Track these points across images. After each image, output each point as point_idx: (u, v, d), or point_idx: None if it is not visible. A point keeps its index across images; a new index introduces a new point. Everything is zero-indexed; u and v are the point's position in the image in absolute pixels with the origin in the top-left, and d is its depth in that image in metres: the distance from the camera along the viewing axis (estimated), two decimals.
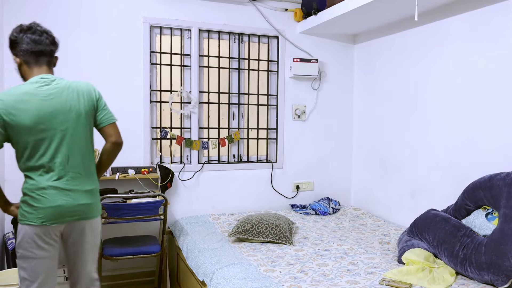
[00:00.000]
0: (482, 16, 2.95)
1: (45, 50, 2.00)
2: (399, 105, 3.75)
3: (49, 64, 2.05)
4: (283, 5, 4.11)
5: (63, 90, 1.98)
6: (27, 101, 1.89)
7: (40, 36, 1.99)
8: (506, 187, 2.43)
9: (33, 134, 1.90)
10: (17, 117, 1.88)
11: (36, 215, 1.92)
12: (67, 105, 1.96)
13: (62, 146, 1.95)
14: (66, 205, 1.95)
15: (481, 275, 2.32)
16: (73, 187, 1.98)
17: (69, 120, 1.96)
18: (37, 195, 1.92)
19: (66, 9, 3.43)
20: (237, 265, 2.62)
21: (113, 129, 2.15)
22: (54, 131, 1.93)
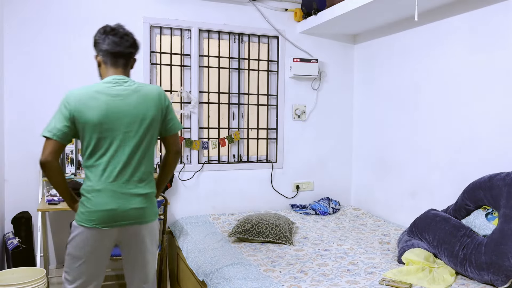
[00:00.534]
0: (482, 16, 2.95)
1: (123, 52, 2.01)
2: (399, 105, 3.75)
3: (125, 65, 2.04)
4: (283, 5, 4.11)
5: (133, 93, 1.97)
6: (97, 99, 1.90)
7: (121, 39, 2.01)
8: (506, 187, 2.43)
9: (97, 132, 1.90)
10: (85, 113, 1.89)
11: (89, 216, 1.90)
12: (134, 108, 1.94)
13: (123, 148, 1.93)
14: (119, 208, 1.91)
15: (481, 275, 2.32)
16: (128, 190, 1.94)
17: (134, 123, 1.94)
18: (92, 197, 1.90)
19: (66, 9, 3.43)
20: (237, 265, 2.62)
21: (176, 138, 2.14)
22: (117, 132, 1.92)
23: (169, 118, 2.07)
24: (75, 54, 3.46)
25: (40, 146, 3.34)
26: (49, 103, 3.41)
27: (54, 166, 1.92)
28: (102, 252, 1.97)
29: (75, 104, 1.90)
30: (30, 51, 3.35)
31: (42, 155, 1.90)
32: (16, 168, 3.34)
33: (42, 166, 1.91)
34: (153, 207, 2.04)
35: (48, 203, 3.04)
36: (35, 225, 3.32)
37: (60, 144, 1.91)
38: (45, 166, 1.91)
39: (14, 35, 3.30)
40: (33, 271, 2.81)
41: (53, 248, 3.49)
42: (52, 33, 3.40)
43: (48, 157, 1.90)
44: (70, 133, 1.93)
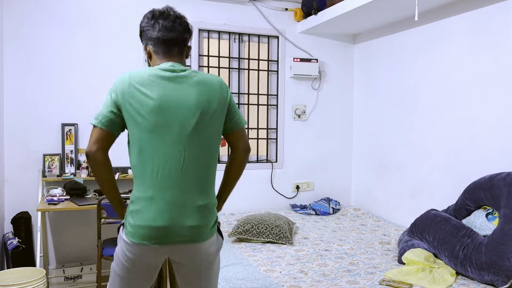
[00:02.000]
0: (482, 16, 2.94)
1: (177, 38, 1.68)
2: (399, 105, 3.75)
3: (180, 54, 1.71)
4: (283, 5, 4.11)
5: (192, 82, 1.62)
6: (149, 84, 1.58)
7: (174, 23, 1.69)
8: (507, 187, 2.43)
9: (147, 124, 1.56)
10: (133, 100, 1.56)
11: (136, 230, 1.56)
12: (194, 99, 1.59)
13: (179, 146, 1.57)
14: (172, 226, 1.56)
15: (481, 275, 2.32)
16: (185, 200, 1.58)
17: (193, 116, 1.58)
18: (141, 208, 1.57)
19: (66, 9, 3.43)
20: (237, 265, 2.62)
21: (244, 133, 1.78)
22: (173, 126, 1.57)
23: (234, 111, 1.72)
24: (75, 54, 3.46)
25: (39, 145, 3.37)
26: (49, 103, 3.41)
27: (100, 159, 1.59)
28: (148, 272, 1.65)
29: (122, 89, 1.58)
30: (30, 51, 3.34)
31: (87, 145, 1.60)
32: (16, 168, 3.34)
33: (87, 157, 1.61)
34: (211, 222, 1.66)
35: (47, 203, 3.03)
36: (34, 225, 3.32)
37: (106, 133, 1.59)
38: (89, 158, 1.60)
39: (14, 35, 3.30)
40: (32, 271, 2.81)
41: (53, 248, 3.49)
42: (52, 33, 3.39)
43: (93, 147, 1.58)
44: (119, 121, 1.60)
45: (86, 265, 3.43)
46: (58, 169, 3.34)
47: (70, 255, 3.52)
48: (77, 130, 3.45)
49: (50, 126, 3.41)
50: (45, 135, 3.40)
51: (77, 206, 2.98)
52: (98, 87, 3.52)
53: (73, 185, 3.24)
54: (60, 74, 3.43)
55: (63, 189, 3.23)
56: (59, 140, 3.42)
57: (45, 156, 3.32)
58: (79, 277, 3.38)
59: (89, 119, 3.67)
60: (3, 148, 3.30)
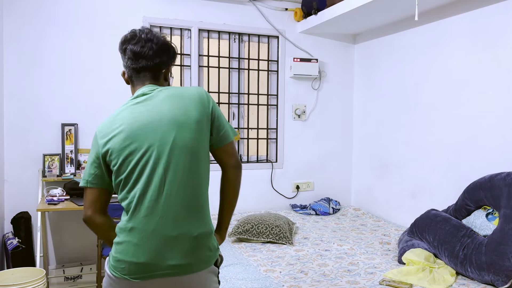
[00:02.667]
0: (482, 16, 2.94)
1: (146, 65, 1.53)
2: (399, 105, 3.75)
3: (155, 78, 1.56)
4: (283, 5, 4.11)
5: (165, 98, 1.47)
6: (119, 119, 1.46)
7: (143, 48, 1.52)
8: (507, 187, 2.43)
9: (124, 155, 1.43)
10: (110, 143, 1.45)
11: (116, 264, 1.44)
12: (168, 115, 1.43)
13: (161, 168, 1.41)
14: (152, 263, 1.40)
15: (481, 275, 2.31)
16: (172, 230, 1.40)
17: (171, 132, 1.42)
18: (122, 239, 1.44)
19: (66, 9, 3.42)
20: (237, 265, 2.62)
21: (233, 148, 1.57)
22: (150, 149, 1.41)
23: (220, 124, 1.52)
24: (75, 54, 3.46)
25: (39, 145, 3.37)
26: (49, 103, 3.41)
27: (98, 222, 1.51)
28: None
29: (100, 139, 1.48)
30: (30, 51, 3.34)
31: (83, 210, 1.52)
32: (15, 168, 3.34)
33: (85, 222, 1.53)
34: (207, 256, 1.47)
35: (47, 203, 3.03)
36: (34, 225, 3.32)
37: (99, 190, 1.49)
38: (87, 223, 1.52)
39: (14, 35, 3.30)
40: (32, 271, 2.80)
41: (53, 248, 3.49)
42: (52, 33, 3.39)
43: (88, 212, 1.49)
44: (106, 174, 1.49)
45: (86, 265, 3.43)
46: (58, 169, 3.34)
47: (70, 255, 3.52)
48: (77, 130, 3.45)
49: (50, 126, 3.41)
50: (45, 135, 3.40)
51: (77, 206, 2.98)
52: (98, 87, 3.52)
53: (73, 185, 3.24)
54: (60, 74, 3.43)
55: (63, 189, 3.23)
56: (59, 140, 3.42)
57: (45, 156, 3.32)
58: (79, 277, 3.38)
59: (89, 119, 3.69)
60: (3, 148, 3.30)
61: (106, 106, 3.49)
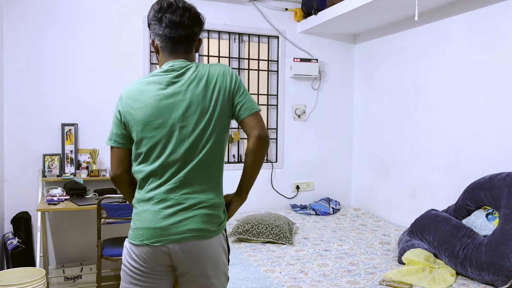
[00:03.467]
0: (482, 16, 2.94)
1: (185, 34, 1.56)
2: (399, 105, 3.75)
3: (188, 51, 1.60)
4: (283, 5, 4.11)
5: (190, 79, 1.53)
6: (146, 92, 1.53)
7: (182, 17, 1.54)
8: (507, 187, 2.43)
9: (147, 131, 1.51)
10: (133, 112, 1.52)
11: (136, 232, 1.51)
12: (191, 97, 1.51)
13: (179, 148, 1.50)
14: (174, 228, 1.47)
15: (481, 275, 2.31)
16: (190, 200, 1.49)
17: (192, 115, 1.50)
18: (142, 210, 1.52)
19: (66, 9, 3.42)
20: (237, 265, 2.62)
21: (257, 119, 1.58)
22: (171, 129, 1.50)
23: (241, 98, 1.57)
24: (75, 54, 3.46)
25: (39, 145, 3.37)
26: (49, 103, 3.41)
27: (126, 181, 1.61)
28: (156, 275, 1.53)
29: (124, 103, 1.56)
30: (30, 51, 3.34)
31: (111, 169, 1.60)
32: (15, 168, 3.34)
33: (113, 181, 1.62)
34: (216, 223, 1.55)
35: (47, 203, 3.03)
36: (34, 225, 3.32)
37: (125, 150, 1.58)
38: (116, 182, 1.61)
39: (14, 35, 3.30)
40: (32, 271, 2.80)
41: (53, 248, 3.49)
42: (52, 33, 3.39)
43: (117, 171, 1.58)
44: (127, 139, 1.59)
45: (86, 265, 3.43)
46: (58, 169, 3.34)
47: (70, 255, 3.52)
48: (77, 130, 3.45)
49: (50, 126, 3.41)
50: (45, 135, 3.40)
51: (77, 206, 2.98)
52: (98, 87, 3.52)
53: (73, 185, 3.24)
54: (60, 74, 3.43)
55: (63, 189, 3.23)
56: (59, 140, 3.42)
57: (45, 156, 3.32)
58: (79, 277, 3.38)
59: (89, 119, 3.69)
60: (3, 148, 3.30)
61: (106, 106, 3.49)
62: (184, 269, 1.52)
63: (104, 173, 3.42)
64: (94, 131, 3.49)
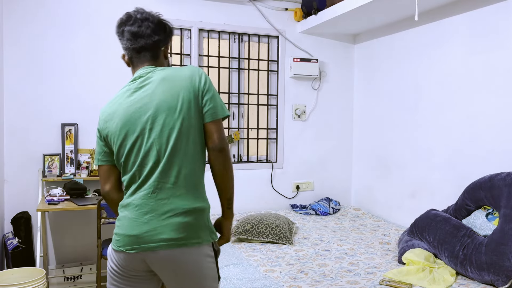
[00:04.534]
0: (482, 16, 2.94)
1: (145, 44, 1.56)
2: (399, 105, 3.75)
3: (154, 58, 1.60)
4: (283, 5, 4.11)
5: (157, 82, 1.51)
6: (116, 103, 1.55)
7: (140, 27, 1.55)
8: (507, 187, 2.43)
9: (121, 140, 1.51)
10: (108, 127, 1.55)
11: (115, 237, 1.52)
12: (158, 99, 1.48)
13: (151, 150, 1.47)
14: (148, 236, 1.44)
15: (481, 275, 2.31)
16: (165, 206, 1.45)
17: (159, 116, 1.47)
18: (121, 216, 1.53)
19: (66, 9, 3.42)
20: (237, 265, 2.62)
21: (216, 127, 1.51)
22: (141, 133, 1.49)
23: (208, 101, 1.51)
24: (76, 54, 3.46)
25: (39, 145, 3.37)
26: (49, 103, 3.41)
27: (115, 197, 1.59)
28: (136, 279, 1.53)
29: (101, 121, 1.59)
30: (30, 51, 3.34)
31: (101, 188, 1.62)
32: (15, 168, 3.33)
33: (104, 198, 1.64)
34: (198, 227, 1.50)
35: (47, 203, 3.03)
36: (34, 225, 3.32)
37: (110, 167, 1.58)
38: (105, 198, 1.63)
39: (14, 35, 3.30)
40: (32, 272, 2.80)
41: (53, 249, 3.49)
42: (52, 33, 3.39)
43: (105, 187, 1.59)
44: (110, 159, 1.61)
45: (86, 265, 3.43)
46: (58, 169, 3.34)
47: (70, 255, 3.52)
48: (77, 130, 3.44)
49: (50, 126, 3.41)
50: (45, 135, 3.39)
51: (77, 206, 2.98)
52: (98, 87, 3.52)
53: (73, 185, 3.24)
54: (60, 74, 3.43)
55: (63, 189, 3.23)
56: (59, 140, 3.42)
57: (45, 156, 3.32)
58: (79, 277, 3.38)
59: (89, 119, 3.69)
60: (3, 148, 3.30)
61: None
62: (163, 277, 1.50)
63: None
64: (94, 131, 3.45)
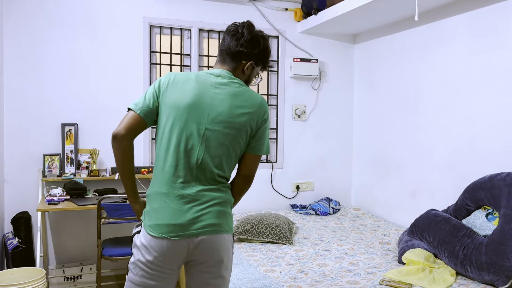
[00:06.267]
0: (482, 16, 2.94)
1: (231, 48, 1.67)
2: (399, 105, 3.75)
3: (231, 65, 1.68)
4: (283, 5, 4.11)
5: (234, 91, 1.61)
6: (191, 82, 1.60)
7: (237, 34, 1.69)
8: (507, 187, 2.43)
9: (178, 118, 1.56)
10: (172, 93, 1.58)
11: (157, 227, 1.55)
12: (228, 107, 1.58)
13: (200, 145, 1.56)
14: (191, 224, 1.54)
15: (481, 275, 2.31)
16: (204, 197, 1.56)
17: (221, 122, 1.57)
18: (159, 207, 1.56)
19: (67, 10, 3.42)
20: (237, 265, 2.62)
21: (255, 161, 1.69)
22: (199, 125, 1.56)
23: (259, 136, 1.67)
24: (75, 54, 3.46)
25: (39, 145, 3.37)
26: (49, 103, 3.41)
27: (125, 145, 1.57)
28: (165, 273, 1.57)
29: (167, 82, 1.61)
30: (30, 51, 3.34)
31: (117, 127, 1.57)
32: (15, 168, 3.34)
33: (112, 139, 1.57)
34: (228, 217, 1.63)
35: (47, 203, 3.03)
36: (34, 225, 3.32)
37: (141, 120, 1.58)
38: (115, 139, 1.56)
39: (14, 35, 3.30)
40: (32, 272, 2.80)
41: (53, 248, 3.49)
42: (52, 33, 3.39)
43: (122, 131, 1.55)
44: (153, 110, 1.61)
45: (86, 265, 3.43)
46: (58, 169, 3.34)
47: (70, 255, 3.52)
48: (77, 130, 3.44)
49: (50, 126, 3.41)
50: (45, 135, 3.40)
51: (77, 206, 2.98)
52: (98, 87, 3.52)
53: (73, 185, 3.24)
54: (60, 74, 3.43)
55: (63, 189, 3.23)
56: (59, 140, 3.42)
57: (45, 156, 3.32)
58: (79, 277, 3.38)
59: (89, 119, 3.69)
60: (3, 148, 3.30)
61: (106, 106, 3.50)
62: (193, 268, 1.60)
63: (104, 173, 3.42)
64: (94, 131, 3.49)
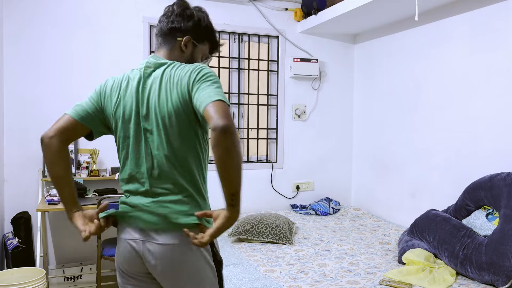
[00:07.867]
0: (482, 16, 2.94)
1: (161, 30, 1.49)
2: (399, 105, 3.75)
3: (168, 47, 1.49)
4: (283, 5, 4.11)
5: (163, 76, 1.40)
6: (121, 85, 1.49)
7: (164, 15, 1.51)
8: (507, 187, 2.43)
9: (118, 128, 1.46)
10: (109, 103, 1.49)
11: None
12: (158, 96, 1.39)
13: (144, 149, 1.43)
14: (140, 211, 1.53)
15: (481, 275, 2.31)
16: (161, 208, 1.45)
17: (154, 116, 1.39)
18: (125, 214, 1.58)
19: (66, 9, 3.42)
20: (237, 265, 2.62)
21: (215, 108, 1.25)
22: (135, 127, 1.42)
23: (197, 89, 1.33)
24: (76, 54, 3.46)
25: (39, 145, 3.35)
26: (48, 103, 3.41)
27: (54, 146, 1.42)
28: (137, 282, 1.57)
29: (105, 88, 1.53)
30: (30, 51, 3.34)
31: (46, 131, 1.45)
32: (15, 168, 3.34)
33: (41, 142, 1.44)
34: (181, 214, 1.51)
35: (47, 203, 3.03)
36: (34, 226, 3.32)
37: (74, 122, 1.47)
38: (42, 143, 1.43)
39: (15, 35, 3.30)
40: (32, 272, 2.80)
41: (53, 248, 3.49)
42: (52, 33, 3.39)
43: (50, 132, 1.43)
44: (94, 116, 1.50)
45: (86, 265, 3.43)
46: None
47: (70, 255, 3.52)
48: None
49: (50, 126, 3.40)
50: None
51: None
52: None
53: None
54: (60, 74, 3.43)
55: None
56: None
57: None
58: (79, 277, 3.38)
59: None
60: (3, 148, 3.30)
61: None
62: None
63: (104, 173, 3.42)
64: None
